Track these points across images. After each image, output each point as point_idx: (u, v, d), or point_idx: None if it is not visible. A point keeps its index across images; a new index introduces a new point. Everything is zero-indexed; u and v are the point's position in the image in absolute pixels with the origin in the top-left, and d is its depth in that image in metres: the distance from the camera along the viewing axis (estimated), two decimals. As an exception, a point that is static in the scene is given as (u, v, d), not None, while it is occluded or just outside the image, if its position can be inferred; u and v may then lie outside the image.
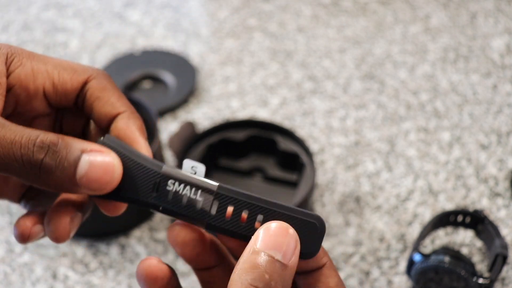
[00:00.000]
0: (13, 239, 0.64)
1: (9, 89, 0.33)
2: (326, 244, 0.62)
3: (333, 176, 0.69)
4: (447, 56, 0.83)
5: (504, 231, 0.62)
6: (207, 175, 0.32)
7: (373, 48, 0.85)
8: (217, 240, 0.34)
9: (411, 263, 0.55)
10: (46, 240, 0.64)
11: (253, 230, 0.30)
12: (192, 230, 0.33)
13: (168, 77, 0.81)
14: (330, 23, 0.90)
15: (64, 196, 0.34)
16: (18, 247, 0.63)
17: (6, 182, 0.36)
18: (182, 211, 0.31)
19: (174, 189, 0.31)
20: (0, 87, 0.32)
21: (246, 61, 0.85)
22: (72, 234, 0.34)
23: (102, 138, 0.32)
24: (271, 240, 0.29)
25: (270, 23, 0.91)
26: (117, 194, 0.31)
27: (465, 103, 0.77)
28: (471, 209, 0.64)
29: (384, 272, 0.60)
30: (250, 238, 0.30)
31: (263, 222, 0.30)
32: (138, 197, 0.31)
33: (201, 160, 0.64)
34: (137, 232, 0.64)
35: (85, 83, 0.35)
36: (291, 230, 0.30)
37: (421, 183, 0.67)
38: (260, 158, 0.68)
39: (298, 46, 0.87)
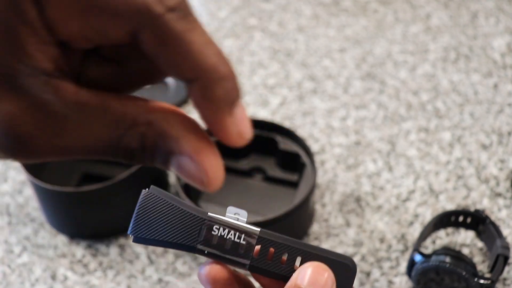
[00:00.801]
0: (12, 239, 0.64)
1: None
2: (326, 244, 0.62)
3: (333, 176, 0.69)
4: (448, 56, 0.83)
5: (505, 231, 0.62)
6: None
7: (373, 47, 0.85)
8: (247, 277, 0.35)
9: (411, 263, 0.55)
10: (45, 240, 0.64)
11: (292, 271, 0.33)
12: (222, 269, 0.34)
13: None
14: (331, 23, 0.90)
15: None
16: (17, 247, 0.63)
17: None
18: (226, 254, 0.33)
19: (219, 234, 0.33)
20: (42, 40, 0.25)
21: (246, 61, 0.84)
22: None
23: (147, 189, 0.34)
24: (312, 278, 0.32)
25: (270, 23, 0.91)
26: (161, 237, 0.33)
27: (466, 103, 0.76)
28: (472, 209, 0.63)
29: (385, 273, 0.59)
30: (289, 278, 0.32)
31: (301, 263, 0.33)
32: (185, 242, 0.33)
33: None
34: (136, 233, 0.64)
35: (137, 33, 0.26)
36: (329, 271, 0.32)
37: (421, 183, 0.67)
38: (260, 158, 0.67)
39: (298, 45, 0.86)
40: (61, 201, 0.61)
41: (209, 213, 0.33)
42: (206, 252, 0.33)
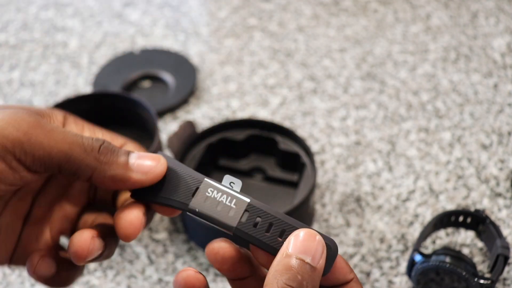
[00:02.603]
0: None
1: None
2: (326, 244, 0.62)
3: (333, 176, 0.69)
4: (448, 56, 0.83)
5: (505, 231, 0.62)
6: (207, 175, 0.36)
7: (373, 47, 0.85)
8: (250, 254, 0.37)
9: (411, 263, 0.55)
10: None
11: (275, 241, 0.34)
12: (229, 248, 0.36)
13: (168, 77, 0.81)
14: (331, 23, 0.90)
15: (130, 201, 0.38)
16: (17, 247, 0.63)
17: (38, 240, 0.39)
18: (215, 215, 0.34)
19: (212, 195, 0.35)
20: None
21: (246, 61, 0.84)
22: (141, 230, 0.36)
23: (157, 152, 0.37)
24: (302, 245, 0.33)
25: (270, 23, 0.90)
26: (157, 194, 0.35)
27: (466, 103, 0.76)
28: (472, 209, 0.63)
29: (385, 273, 0.59)
30: (271, 247, 0.34)
31: (284, 235, 0.34)
32: (179, 199, 0.35)
33: (201, 160, 0.64)
34: (136, 233, 0.64)
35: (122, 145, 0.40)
36: (318, 237, 0.33)
37: (421, 183, 0.67)
38: (260, 158, 0.67)
39: (298, 45, 0.86)
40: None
41: (205, 178, 0.35)
42: (197, 210, 0.35)
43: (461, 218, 0.59)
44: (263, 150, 0.67)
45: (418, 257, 0.54)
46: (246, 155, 0.68)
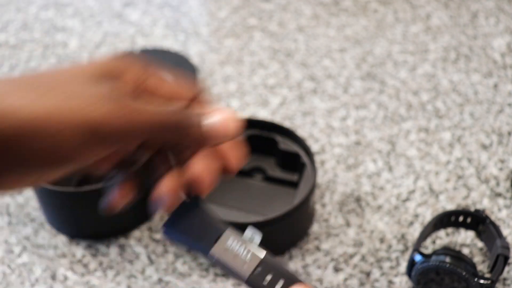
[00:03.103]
0: (12, 239, 0.64)
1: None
2: (326, 244, 0.62)
3: (333, 176, 0.69)
4: (448, 56, 0.83)
5: (505, 231, 0.62)
6: None
7: (373, 47, 0.85)
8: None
9: (411, 263, 0.55)
10: (45, 240, 0.64)
11: None
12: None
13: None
14: (331, 23, 0.90)
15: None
16: (17, 247, 0.63)
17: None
18: (231, 265, 0.37)
19: (231, 246, 0.38)
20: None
21: (246, 61, 0.84)
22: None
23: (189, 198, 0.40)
24: None
25: (270, 23, 0.90)
26: (186, 237, 0.38)
27: (466, 103, 0.76)
28: (472, 209, 0.63)
29: (385, 273, 0.59)
30: None
31: None
32: (202, 244, 0.38)
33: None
34: (136, 233, 0.64)
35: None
36: None
37: (421, 183, 0.67)
38: (260, 158, 0.67)
39: (298, 45, 0.86)
40: (61, 201, 0.61)
41: (228, 228, 0.38)
42: (215, 257, 0.38)
43: (461, 218, 0.59)
44: (263, 150, 0.67)
45: (418, 257, 0.54)
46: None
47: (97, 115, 0.34)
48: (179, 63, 0.83)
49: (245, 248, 0.38)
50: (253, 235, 0.39)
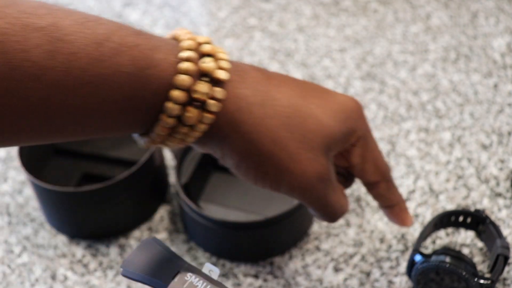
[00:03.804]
0: (12, 239, 0.64)
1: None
2: (326, 244, 0.62)
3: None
4: (448, 56, 0.83)
5: (505, 231, 0.62)
6: (207, 175, 0.38)
7: (373, 47, 0.85)
8: None
9: (411, 263, 0.55)
10: (45, 240, 0.64)
11: None
12: None
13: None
14: (331, 23, 0.90)
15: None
16: (17, 247, 0.63)
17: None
18: None
19: (190, 280, 0.38)
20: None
21: (246, 61, 0.84)
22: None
23: (148, 238, 0.41)
24: None
25: (270, 23, 0.90)
26: (142, 275, 0.39)
27: (466, 103, 0.76)
28: (472, 209, 0.63)
29: (385, 273, 0.59)
30: None
31: None
32: (160, 280, 0.39)
33: (201, 160, 0.64)
34: (136, 233, 0.64)
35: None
36: None
37: (421, 183, 0.67)
38: (260, 158, 0.67)
39: (298, 45, 0.86)
40: (61, 201, 0.61)
41: (186, 264, 0.39)
42: None
43: (461, 218, 0.59)
44: (263, 150, 0.67)
45: (418, 257, 0.54)
46: (246, 155, 0.67)
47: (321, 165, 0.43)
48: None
49: (204, 282, 0.39)
50: (212, 270, 0.39)
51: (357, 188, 0.67)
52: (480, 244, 0.61)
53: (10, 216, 0.66)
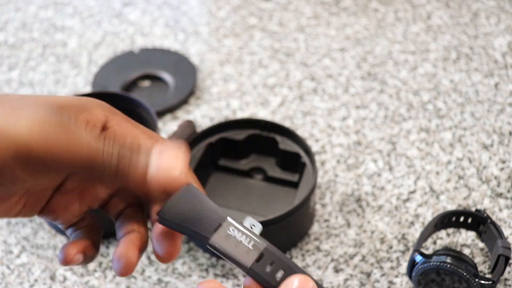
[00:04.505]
0: (11, 239, 0.64)
1: (102, 130, 0.38)
2: (327, 245, 0.62)
3: (334, 176, 0.68)
4: (449, 56, 0.83)
5: (506, 231, 0.62)
6: (207, 175, 0.38)
7: (374, 47, 0.85)
8: None
9: (412, 264, 0.55)
10: (44, 241, 0.63)
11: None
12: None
13: (168, 77, 0.81)
14: (331, 22, 0.90)
15: (131, 236, 0.40)
16: (16, 248, 0.63)
17: (67, 209, 0.40)
18: (233, 253, 0.36)
19: (232, 235, 0.37)
20: (96, 127, 0.37)
21: (246, 60, 0.84)
22: (134, 268, 0.38)
23: (187, 185, 0.38)
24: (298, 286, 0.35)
25: (270, 22, 0.90)
26: (183, 223, 0.37)
27: (467, 103, 0.76)
28: (473, 209, 0.63)
29: (385, 273, 0.59)
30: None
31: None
32: (202, 233, 0.37)
33: (201, 159, 0.64)
34: (136, 233, 0.64)
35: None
36: (313, 282, 0.35)
37: (422, 184, 0.67)
38: (260, 158, 0.67)
39: (298, 45, 0.86)
40: (60, 201, 0.61)
41: (228, 217, 0.37)
42: (216, 246, 0.36)
43: (462, 219, 0.59)
44: (263, 150, 0.67)
45: (418, 258, 0.54)
46: (246, 155, 0.67)
47: (27, 135, 0.32)
48: (178, 63, 0.83)
49: (247, 237, 0.37)
50: (254, 224, 0.38)
51: (358, 188, 0.67)
52: (481, 244, 0.61)
53: (9, 216, 0.66)
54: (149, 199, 0.39)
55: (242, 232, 0.37)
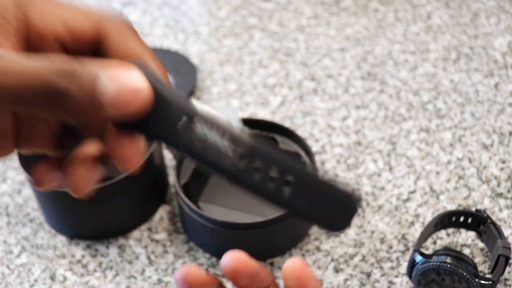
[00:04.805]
0: (11, 240, 0.64)
1: (23, 33, 0.31)
2: (327, 245, 0.62)
3: (334, 176, 0.68)
4: (449, 56, 0.83)
5: (506, 231, 0.62)
6: (207, 175, 0.33)
7: (374, 47, 0.85)
8: (220, 279, 0.35)
9: (412, 264, 0.55)
10: (44, 241, 0.63)
11: (280, 193, 0.29)
12: (198, 271, 0.34)
13: (168, 76, 0.81)
14: (331, 22, 0.89)
15: (84, 147, 0.32)
16: (16, 248, 0.63)
17: (33, 126, 0.32)
18: (207, 155, 0.28)
19: (202, 131, 0.28)
20: (11, 27, 0.30)
21: (246, 60, 0.84)
22: (89, 187, 0.31)
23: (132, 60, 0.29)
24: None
25: (270, 22, 0.90)
26: (139, 125, 0.28)
27: (467, 103, 0.76)
28: (473, 209, 0.63)
29: (385, 273, 0.59)
30: (274, 201, 0.29)
31: (294, 187, 0.28)
32: (160, 133, 0.28)
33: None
34: (136, 233, 0.64)
35: (101, 27, 0.31)
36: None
37: (422, 184, 0.67)
38: (260, 158, 0.67)
39: (298, 45, 0.86)
40: (61, 201, 0.61)
41: (195, 102, 0.29)
42: (181, 148, 0.28)
43: (462, 219, 0.59)
44: (263, 150, 0.67)
45: (418, 258, 0.54)
46: (246, 155, 0.67)
47: None
48: (178, 63, 0.83)
49: (222, 131, 0.28)
50: (230, 113, 0.30)
51: (358, 188, 0.67)
52: (481, 244, 0.60)
53: (9, 216, 0.66)
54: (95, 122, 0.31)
55: (217, 128, 0.28)
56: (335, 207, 0.29)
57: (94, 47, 0.32)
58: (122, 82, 0.27)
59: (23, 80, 0.26)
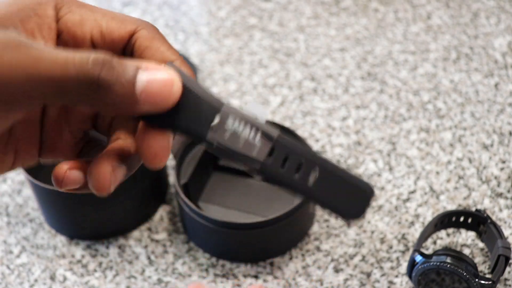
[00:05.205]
0: (11, 240, 0.64)
1: (58, 36, 0.32)
2: (327, 245, 0.62)
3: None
4: (449, 56, 0.83)
5: (506, 231, 0.62)
6: (207, 175, 0.33)
7: (374, 47, 0.85)
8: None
9: (412, 264, 0.55)
10: (44, 241, 0.63)
11: (305, 184, 0.30)
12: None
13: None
14: (331, 22, 0.89)
15: (109, 147, 0.33)
16: (16, 248, 0.63)
17: (62, 140, 0.34)
18: (237, 150, 0.30)
19: (233, 128, 0.30)
20: (51, 31, 0.31)
21: (246, 60, 0.84)
22: (113, 186, 0.31)
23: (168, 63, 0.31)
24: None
25: (270, 22, 0.90)
26: (172, 122, 0.30)
27: (467, 103, 0.76)
28: (473, 209, 0.63)
29: (385, 273, 0.59)
30: (299, 190, 0.30)
31: (317, 177, 0.30)
32: (193, 129, 0.30)
33: (201, 159, 0.64)
34: (136, 233, 0.64)
35: (133, 33, 0.33)
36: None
37: (422, 184, 0.67)
38: (260, 158, 0.67)
39: (298, 45, 0.86)
40: (61, 201, 0.61)
41: (226, 103, 0.30)
42: (215, 144, 0.30)
43: (462, 219, 0.59)
44: (263, 150, 0.67)
45: (418, 258, 0.54)
46: (246, 155, 0.67)
47: None
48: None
49: (252, 128, 0.30)
50: (258, 110, 0.31)
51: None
52: (481, 244, 0.60)
53: (9, 216, 0.66)
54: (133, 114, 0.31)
55: (245, 123, 0.30)
56: (353, 196, 0.31)
57: (127, 53, 0.33)
58: (158, 77, 0.29)
59: (65, 68, 0.27)
